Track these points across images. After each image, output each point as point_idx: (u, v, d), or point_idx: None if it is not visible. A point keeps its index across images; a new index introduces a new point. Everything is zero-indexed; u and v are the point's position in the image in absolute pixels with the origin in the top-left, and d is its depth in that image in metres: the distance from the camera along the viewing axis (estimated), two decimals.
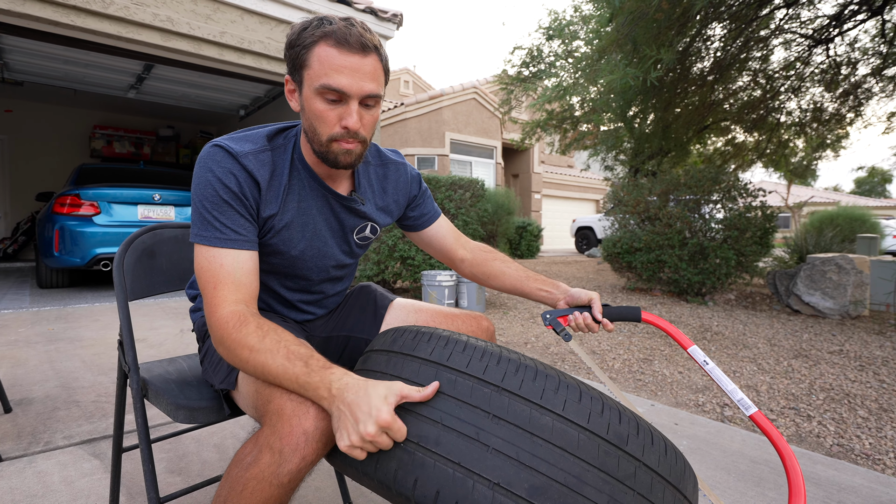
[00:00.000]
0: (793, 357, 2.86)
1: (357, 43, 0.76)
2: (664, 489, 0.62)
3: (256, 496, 0.63)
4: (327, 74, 0.76)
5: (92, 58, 5.18)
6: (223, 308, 0.76)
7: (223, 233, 0.79)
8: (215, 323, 0.76)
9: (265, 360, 0.70)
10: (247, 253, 0.81)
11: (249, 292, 0.79)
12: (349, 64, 0.76)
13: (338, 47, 0.76)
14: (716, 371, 0.85)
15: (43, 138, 8.51)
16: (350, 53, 0.76)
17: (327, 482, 1.36)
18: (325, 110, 0.79)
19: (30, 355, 2.57)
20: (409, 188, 1.05)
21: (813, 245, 5.83)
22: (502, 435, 0.59)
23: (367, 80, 0.78)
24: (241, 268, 0.79)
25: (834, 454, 1.70)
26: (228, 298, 0.76)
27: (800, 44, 5.86)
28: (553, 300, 1.05)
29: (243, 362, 0.73)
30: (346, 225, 0.96)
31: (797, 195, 21.93)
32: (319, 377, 0.66)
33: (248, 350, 0.71)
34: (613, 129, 7.97)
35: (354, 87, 0.77)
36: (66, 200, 4.42)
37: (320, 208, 0.91)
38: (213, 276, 0.77)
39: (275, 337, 0.72)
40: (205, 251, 0.79)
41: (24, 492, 1.29)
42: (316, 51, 0.77)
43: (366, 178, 0.98)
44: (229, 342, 0.73)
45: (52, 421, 1.75)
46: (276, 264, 0.92)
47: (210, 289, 0.77)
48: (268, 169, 0.84)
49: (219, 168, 0.79)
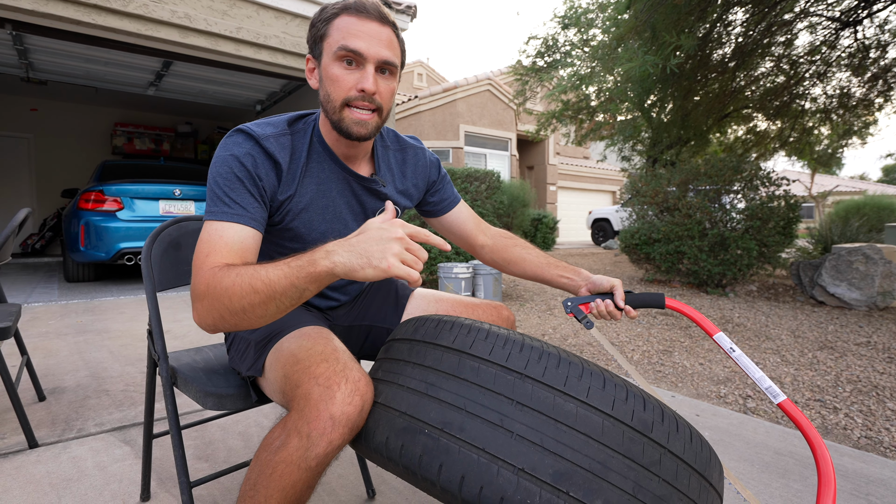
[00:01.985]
0: (818, 349, 2.80)
1: (375, 11, 0.81)
2: (690, 476, 0.62)
3: (285, 479, 0.64)
4: (345, 38, 0.80)
5: (113, 56, 5.28)
6: (206, 268, 0.71)
7: (231, 207, 0.78)
8: (199, 280, 0.70)
9: (252, 274, 0.66)
10: (249, 230, 0.78)
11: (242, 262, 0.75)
12: (367, 29, 0.80)
13: (357, 15, 0.80)
14: (743, 358, 0.84)
15: (66, 136, 8.72)
16: (368, 20, 0.80)
17: (350, 470, 1.38)
18: (341, 74, 0.81)
19: (60, 346, 2.66)
20: (428, 172, 1.06)
21: (838, 235, 5.67)
22: (526, 421, 0.59)
23: (383, 46, 0.81)
24: (241, 242, 0.76)
25: (862, 446, 1.67)
26: (217, 262, 0.72)
27: (826, 27, 5.66)
28: (574, 287, 1.05)
29: (227, 292, 0.66)
30: (367, 207, 0.96)
31: (821, 184, 21.31)
32: (309, 254, 0.65)
33: (232, 279, 0.67)
34: (631, 119, 7.84)
35: (371, 51, 0.80)
36: (91, 196, 4.53)
37: (341, 191, 0.92)
38: (209, 246, 0.74)
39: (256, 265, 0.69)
40: (208, 226, 0.77)
41: (61, 475, 1.34)
42: (336, 22, 0.81)
43: (385, 161, 0.98)
44: (214, 284, 0.68)
45: (84, 409, 1.81)
46: (297, 249, 0.93)
47: (202, 256, 0.73)
48: (287, 151, 0.85)
49: (238, 149, 0.80)
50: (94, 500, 1.22)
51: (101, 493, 1.25)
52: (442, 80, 16.55)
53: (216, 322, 0.70)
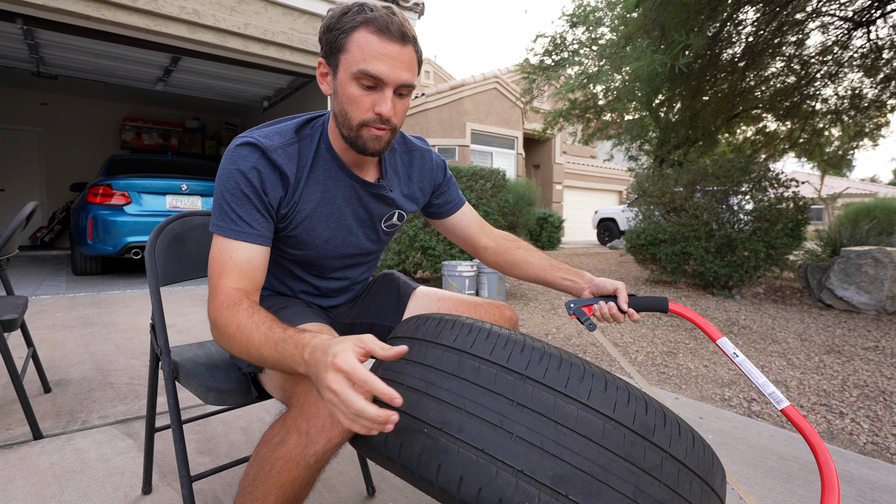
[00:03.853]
0: (825, 353, 2.77)
1: (398, 32, 0.77)
2: (691, 481, 0.62)
3: (284, 475, 0.64)
4: (366, 60, 0.76)
5: (122, 51, 5.31)
6: (222, 294, 0.77)
7: (238, 225, 0.80)
8: (212, 307, 0.76)
9: (250, 333, 0.70)
10: (258, 248, 0.82)
11: (253, 284, 0.81)
12: (389, 52, 0.76)
13: (378, 34, 0.76)
14: (746, 363, 0.83)
15: (76, 130, 8.79)
16: (390, 42, 0.76)
17: (350, 467, 1.38)
18: (359, 95, 0.79)
19: (67, 339, 2.68)
20: (434, 175, 1.05)
21: (847, 238, 5.60)
22: (526, 423, 0.59)
23: (404, 69, 0.78)
24: (250, 261, 0.81)
25: (868, 452, 1.65)
26: (230, 286, 0.78)
27: (838, 27, 5.59)
28: (577, 290, 1.04)
29: (230, 339, 0.72)
30: (374, 213, 0.96)
31: (831, 186, 21.08)
32: (294, 341, 0.64)
33: (236, 326, 0.72)
34: (638, 118, 7.78)
35: (392, 76, 0.77)
36: (99, 191, 4.56)
37: (347, 199, 0.91)
38: (220, 266, 0.79)
39: (264, 315, 0.72)
40: (219, 241, 0.81)
41: (65, 467, 1.35)
42: (355, 36, 0.77)
43: (391, 165, 0.97)
44: (221, 321, 0.74)
45: (89, 401, 1.82)
46: (300, 255, 0.93)
47: (216, 277, 0.79)
48: (295, 162, 0.85)
49: (244, 163, 0.80)
50: (97, 493, 1.23)
51: (104, 485, 1.26)
52: (449, 77, 16.52)
53: (224, 348, 0.77)
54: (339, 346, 0.58)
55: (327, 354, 0.57)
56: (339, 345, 0.58)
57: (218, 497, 1.22)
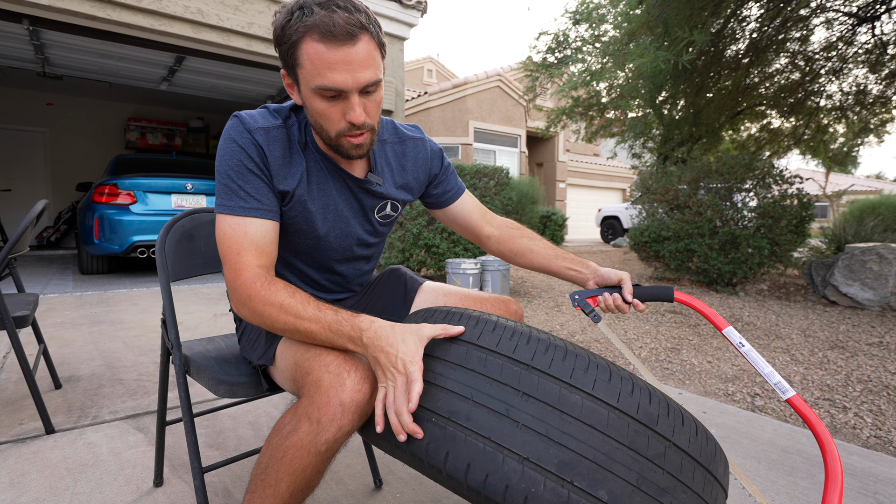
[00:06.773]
0: (828, 348, 2.77)
1: (343, 32, 0.71)
2: (694, 469, 0.63)
3: (296, 463, 0.66)
4: (321, 74, 0.73)
5: (126, 51, 5.34)
6: (248, 271, 0.77)
7: (247, 201, 0.80)
8: (241, 284, 0.77)
9: (298, 311, 0.73)
10: (269, 222, 0.82)
11: (271, 260, 0.82)
12: (340, 58, 0.72)
13: (325, 42, 0.72)
14: (752, 353, 0.84)
15: (81, 130, 8.84)
16: (338, 46, 0.72)
17: (357, 459, 1.40)
18: (326, 108, 0.77)
19: (75, 336, 2.71)
20: (429, 164, 1.04)
21: (852, 234, 5.59)
22: (532, 412, 0.60)
23: (361, 69, 0.74)
24: (265, 236, 0.81)
25: (871, 446, 1.66)
26: (252, 263, 0.78)
27: (843, 23, 5.56)
28: (582, 280, 1.04)
29: (272, 319, 0.75)
30: (365, 205, 0.96)
31: (836, 183, 20.97)
32: (350, 324, 0.71)
33: (278, 307, 0.74)
34: (642, 116, 7.77)
35: (351, 82, 0.74)
36: (105, 190, 4.60)
37: (339, 189, 0.92)
38: (237, 243, 0.79)
39: (304, 295, 0.76)
40: (229, 220, 0.80)
41: (77, 461, 1.37)
42: (304, 49, 0.73)
43: (382, 156, 0.96)
44: (257, 300, 0.75)
45: (99, 397, 1.85)
46: (300, 244, 0.93)
47: (233, 255, 0.78)
48: (279, 145, 0.84)
49: (241, 138, 0.81)
50: (109, 485, 1.25)
51: (116, 477, 1.28)
52: (451, 75, 16.50)
53: (253, 322, 0.79)
54: (407, 347, 0.67)
55: (397, 350, 0.67)
56: (406, 345, 0.67)
57: (228, 489, 1.24)
